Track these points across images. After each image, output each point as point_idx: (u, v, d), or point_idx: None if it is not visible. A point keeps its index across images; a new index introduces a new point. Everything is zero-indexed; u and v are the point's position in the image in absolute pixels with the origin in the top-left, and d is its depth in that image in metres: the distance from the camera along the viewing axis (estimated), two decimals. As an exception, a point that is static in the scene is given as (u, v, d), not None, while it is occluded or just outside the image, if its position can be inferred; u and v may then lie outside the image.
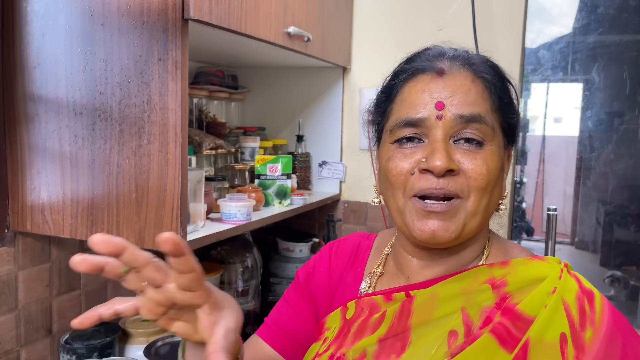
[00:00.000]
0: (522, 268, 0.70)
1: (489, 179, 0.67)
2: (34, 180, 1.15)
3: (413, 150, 0.68)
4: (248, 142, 1.52)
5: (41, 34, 1.10)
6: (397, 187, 0.69)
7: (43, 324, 1.29)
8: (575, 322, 0.64)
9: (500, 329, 0.64)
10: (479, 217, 0.68)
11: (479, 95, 0.68)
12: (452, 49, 0.75)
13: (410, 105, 0.69)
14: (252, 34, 1.16)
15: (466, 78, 0.69)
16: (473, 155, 0.67)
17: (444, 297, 0.69)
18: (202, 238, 1.11)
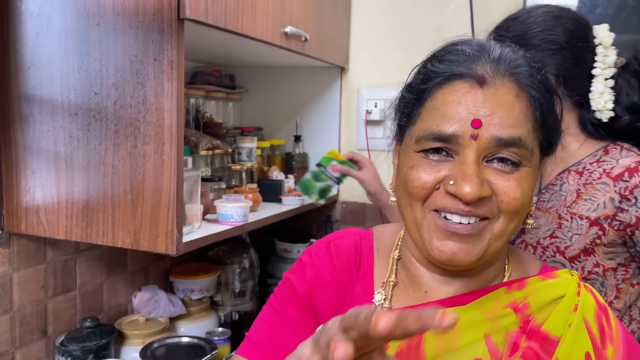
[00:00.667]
0: (541, 288, 0.67)
1: (523, 202, 0.61)
2: (28, 181, 1.14)
3: (440, 165, 0.62)
4: (245, 143, 1.51)
5: (36, 33, 1.09)
6: (417, 199, 0.63)
7: (38, 326, 1.28)
8: (597, 341, 0.63)
9: (530, 353, 0.62)
10: (503, 240, 0.63)
11: (522, 113, 0.61)
12: (494, 43, 0.65)
13: (443, 116, 0.61)
14: (248, 34, 1.15)
15: (510, 91, 0.61)
16: (507, 177, 0.61)
17: (467, 324, 0.64)
18: (199, 239, 1.10)
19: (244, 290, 1.64)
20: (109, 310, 1.48)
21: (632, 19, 1.51)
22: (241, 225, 1.23)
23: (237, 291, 1.62)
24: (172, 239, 1.02)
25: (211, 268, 1.65)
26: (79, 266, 1.37)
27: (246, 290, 1.64)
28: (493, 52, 0.63)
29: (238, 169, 1.47)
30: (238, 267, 1.63)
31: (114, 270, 1.49)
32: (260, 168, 1.65)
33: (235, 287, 1.62)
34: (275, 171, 1.63)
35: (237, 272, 1.63)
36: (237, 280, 1.63)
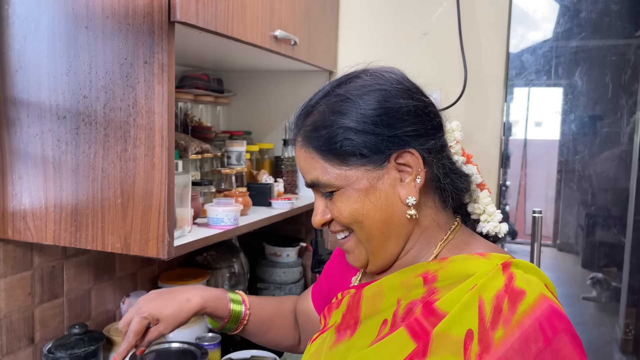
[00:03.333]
0: (455, 265, 0.72)
1: (346, 216, 0.75)
2: (15, 185, 1.12)
3: None
4: (234, 146, 1.51)
5: (23, 36, 1.08)
6: None
7: (25, 333, 1.26)
8: (486, 320, 0.63)
9: (414, 323, 0.67)
10: (375, 241, 0.76)
11: (308, 162, 0.77)
12: (304, 109, 0.82)
13: None
14: (238, 37, 1.15)
15: (300, 150, 0.79)
16: (331, 203, 0.77)
17: (387, 290, 0.75)
18: (189, 243, 1.09)
19: (234, 294, 1.63)
20: (97, 317, 1.46)
21: (615, 23, 1.55)
22: (232, 229, 1.22)
23: (226, 296, 1.61)
24: (163, 243, 1.01)
25: (200, 273, 1.64)
26: (66, 272, 1.35)
27: (236, 294, 1.63)
28: (294, 116, 0.83)
29: (228, 173, 1.46)
30: (227, 272, 1.62)
31: (102, 276, 1.47)
32: (250, 172, 1.65)
33: (225, 291, 1.61)
34: (265, 175, 1.63)
35: (226, 277, 1.62)
36: (227, 285, 1.61)
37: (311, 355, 0.81)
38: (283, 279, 1.71)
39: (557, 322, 0.62)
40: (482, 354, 0.61)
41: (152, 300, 0.95)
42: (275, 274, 1.72)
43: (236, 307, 1.00)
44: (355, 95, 0.73)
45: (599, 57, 1.56)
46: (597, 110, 1.67)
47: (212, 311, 0.98)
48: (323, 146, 0.75)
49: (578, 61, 1.59)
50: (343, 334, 0.78)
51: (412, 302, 0.71)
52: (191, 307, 0.95)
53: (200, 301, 0.96)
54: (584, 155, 1.80)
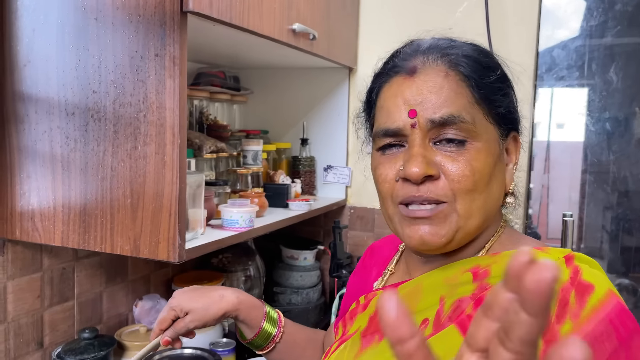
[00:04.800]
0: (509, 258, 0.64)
1: (476, 180, 0.63)
2: (23, 184, 1.08)
3: (396, 156, 0.67)
4: (251, 146, 1.45)
5: (32, 29, 1.04)
6: (385, 195, 0.69)
7: (34, 337, 1.22)
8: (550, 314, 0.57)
9: (466, 319, 0.61)
10: (475, 219, 0.65)
11: (452, 91, 0.64)
12: (433, 39, 0.71)
13: (387, 113, 0.67)
14: (254, 30, 1.10)
15: (438, 74, 0.65)
16: (455, 157, 0.64)
17: (427, 288, 0.68)
18: (202, 246, 1.04)
19: (249, 299, 1.58)
20: (108, 321, 1.42)
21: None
22: (247, 231, 1.16)
23: (242, 300, 1.56)
24: (174, 246, 0.95)
25: (215, 276, 1.59)
26: (77, 274, 1.31)
27: (251, 299, 1.58)
28: (426, 44, 0.69)
29: (244, 173, 1.41)
30: (243, 275, 1.57)
31: (114, 278, 1.43)
32: (266, 172, 1.59)
33: (240, 295, 1.56)
34: (282, 175, 1.57)
35: (241, 280, 1.56)
36: (242, 289, 1.56)
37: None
38: (300, 283, 1.65)
39: (629, 322, 0.57)
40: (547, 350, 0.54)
41: (184, 293, 0.91)
42: (292, 278, 1.66)
43: (270, 323, 0.92)
44: (498, 59, 0.71)
45: (636, 52, 1.47)
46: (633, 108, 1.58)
47: (244, 317, 0.91)
48: (481, 80, 0.65)
49: (613, 56, 1.50)
50: (370, 339, 0.71)
51: (461, 300, 0.64)
52: (223, 304, 0.89)
53: (235, 301, 0.90)
54: (614, 157, 1.70)
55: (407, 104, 0.65)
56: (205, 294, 0.91)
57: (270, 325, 0.92)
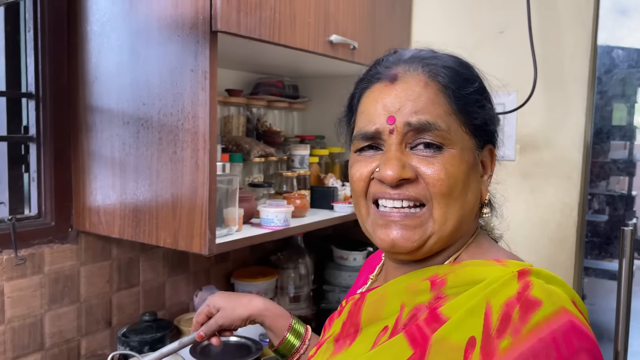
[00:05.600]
0: (467, 270, 0.66)
1: (450, 184, 0.65)
2: (91, 184, 1.26)
3: (373, 157, 0.69)
4: (298, 150, 1.54)
5: (98, 51, 1.21)
6: (359, 194, 0.70)
7: (103, 317, 1.40)
8: (491, 328, 0.57)
9: (414, 329, 0.62)
10: (449, 226, 0.66)
11: (430, 100, 0.66)
12: (415, 49, 0.73)
13: (367, 117, 0.69)
14: (286, 44, 1.18)
15: (418, 83, 0.67)
16: (430, 161, 0.65)
17: (390, 295, 0.70)
18: (233, 241, 1.15)
19: (299, 295, 1.67)
20: (170, 307, 1.58)
21: None
22: (281, 229, 1.25)
23: (291, 296, 1.66)
24: (205, 240, 1.07)
25: (270, 272, 1.71)
26: (142, 264, 1.49)
27: (301, 295, 1.67)
28: (408, 54, 0.71)
29: (289, 176, 1.50)
30: (293, 273, 1.66)
31: (176, 270, 1.59)
32: (317, 175, 1.68)
33: (290, 292, 1.66)
34: (332, 178, 1.65)
35: (291, 278, 1.66)
36: (292, 286, 1.66)
37: None
38: (348, 282, 1.71)
39: (575, 340, 0.56)
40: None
41: (220, 295, 1.04)
42: (341, 277, 1.72)
43: (294, 335, 0.99)
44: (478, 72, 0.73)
45: None
46: None
47: (270, 324, 1.01)
48: (459, 91, 0.67)
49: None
50: (342, 344, 0.74)
51: (417, 308, 0.65)
52: (250, 307, 1.01)
53: (261, 307, 1.01)
54: None
55: (387, 110, 0.67)
56: (236, 297, 1.03)
57: (294, 337, 1.00)
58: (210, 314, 1.02)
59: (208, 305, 1.03)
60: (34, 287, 1.23)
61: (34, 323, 1.24)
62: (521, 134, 1.56)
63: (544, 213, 1.54)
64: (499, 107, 1.57)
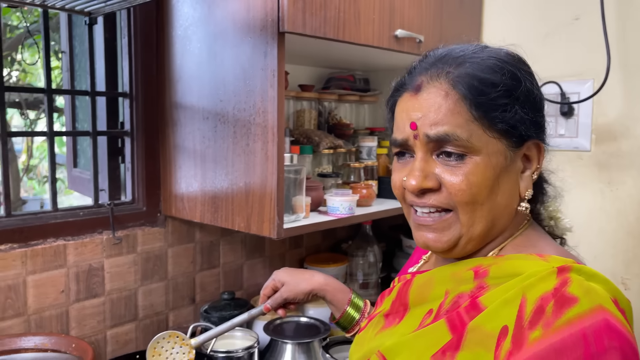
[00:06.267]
0: (509, 262, 0.68)
1: (473, 193, 0.67)
2: (177, 173, 1.40)
3: (406, 165, 0.74)
4: (366, 142, 1.60)
5: (181, 53, 1.34)
6: (399, 198, 0.77)
7: (188, 294, 1.55)
8: (524, 319, 0.60)
9: (454, 316, 0.66)
10: (479, 227, 0.70)
11: (449, 111, 0.68)
12: (448, 48, 0.75)
13: (397, 125, 0.74)
14: (351, 41, 1.24)
15: (438, 93, 0.69)
16: (453, 171, 0.68)
17: (437, 280, 0.74)
18: (300, 227, 1.23)
19: (367, 282, 1.73)
20: (248, 288, 1.70)
21: None
22: (346, 217, 1.32)
23: (360, 283, 1.72)
24: (273, 225, 1.16)
25: (340, 259, 1.78)
26: (222, 247, 1.62)
27: (369, 282, 1.73)
28: (435, 56, 0.74)
29: (357, 167, 1.57)
30: (362, 260, 1.72)
31: (253, 254, 1.71)
32: (386, 166, 1.72)
33: (359, 278, 1.72)
34: (401, 169, 1.68)
35: (360, 265, 1.72)
36: (361, 273, 1.72)
37: (357, 339, 0.86)
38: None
39: (606, 338, 0.57)
40: (513, 351, 0.59)
41: (284, 270, 1.15)
42: (410, 266, 1.76)
43: (353, 309, 1.07)
44: (517, 68, 0.71)
45: None
46: None
47: (331, 298, 1.10)
48: (480, 98, 0.67)
49: None
50: (392, 320, 0.79)
51: (460, 295, 0.69)
52: (312, 281, 1.10)
53: (322, 281, 1.10)
54: None
55: (410, 118, 0.70)
56: (299, 273, 1.13)
57: (353, 310, 1.08)
58: (275, 287, 1.12)
59: (274, 280, 1.12)
60: (129, 264, 1.39)
61: (129, 296, 1.41)
62: (597, 123, 1.50)
63: (621, 205, 1.48)
64: (573, 96, 1.53)
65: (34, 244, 1.23)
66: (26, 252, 1.21)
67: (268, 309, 1.12)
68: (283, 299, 1.10)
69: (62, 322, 1.28)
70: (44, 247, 1.23)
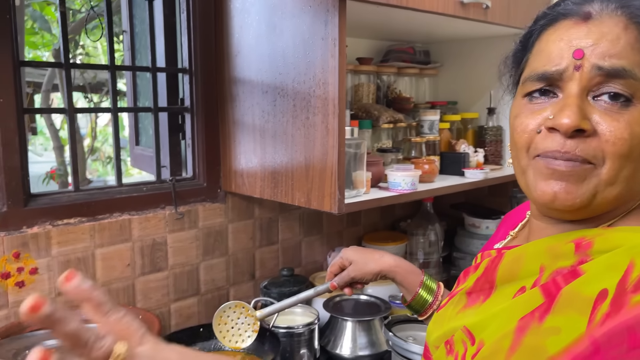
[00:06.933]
0: (618, 234, 0.60)
1: (632, 145, 0.58)
2: (236, 149, 1.40)
3: (543, 106, 0.62)
4: (427, 116, 1.54)
5: (240, 26, 1.32)
6: (520, 146, 0.64)
7: (248, 270, 1.56)
8: (628, 283, 0.53)
9: (550, 284, 0.59)
10: (617, 188, 0.60)
11: (629, 45, 0.58)
12: None
13: (547, 56, 0.62)
14: (415, 7, 1.18)
15: (617, 24, 0.59)
16: (615, 117, 0.58)
17: (530, 256, 0.66)
18: (361, 202, 1.20)
19: (428, 261, 1.68)
20: (306, 265, 1.70)
21: None
22: (408, 193, 1.28)
23: (420, 262, 1.68)
24: (334, 200, 1.13)
25: (400, 237, 1.75)
26: (281, 224, 1.61)
27: (430, 262, 1.68)
28: None
29: (418, 142, 1.51)
30: (422, 239, 1.68)
31: (311, 231, 1.70)
32: (448, 141, 1.66)
33: (419, 257, 1.68)
34: (464, 144, 1.62)
35: (421, 244, 1.68)
36: (421, 252, 1.68)
37: (435, 317, 0.80)
38: (479, 250, 1.68)
39: None
40: (611, 314, 0.53)
41: (353, 249, 1.10)
42: (473, 245, 1.70)
43: (426, 291, 1.01)
44: None
45: None
46: None
47: (401, 280, 1.04)
48: None
49: None
50: (475, 298, 0.72)
51: (558, 271, 0.61)
52: (381, 262, 1.05)
53: (392, 263, 1.04)
54: None
55: (573, 45, 0.59)
56: (368, 252, 1.08)
57: (426, 292, 1.01)
58: (343, 266, 1.08)
59: (342, 258, 1.08)
60: (191, 239, 1.41)
61: (191, 271, 1.43)
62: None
63: None
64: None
65: (100, 217, 1.26)
66: (94, 225, 1.24)
67: (335, 287, 1.09)
68: (350, 278, 1.07)
69: (129, 294, 1.31)
70: (110, 221, 1.26)
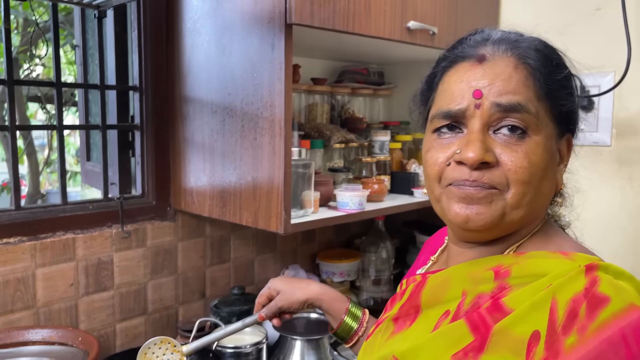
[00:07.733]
0: (532, 261, 0.64)
1: (532, 172, 0.63)
2: (186, 167, 1.39)
3: (451, 141, 0.67)
4: (378, 136, 1.57)
5: (190, 46, 1.33)
6: (432, 178, 0.69)
7: (198, 288, 1.54)
8: (557, 324, 0.56)
9: (475, 316, 0.62)
10: (522, 211, 0.65)
11: (521, 82, 0.64)
12: (501, 31, 0.71)
13: (450, 95, 0.67)
14: (362, 32, 1.22)
15: (508, 65, 0.65)
16: (514, 148, 0.63)
17: (454, 280, 0.70)
18: (309, 222, 1.21)
19: (380, 278, 1.71)
20: (259, 283, 1.69)
21: None
22: (356, 212, 1.30)
23: (372, 278, 1.70)
24: (281, 220, 1.14)
25: (353, 255, 1.76)
26: (233, 242, 1.61)
27: (381, 279, 1.71)
28: (496, 35, 0.69)
29: (368, 161, 1.54)
30: (374, 256, 1.70)
31: (265, 249, 1.70)
32: (400, 161, 1.69)
33: (371, 274, 1.70)
34: (414, 164, 1.65)
35: (373, 261, 1.70)
36: (373, 269, 1.70)
37: (365, 346, 0.82)
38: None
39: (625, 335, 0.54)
40: (549, 359, 0.56)
41: (280, 279, 1.10)
42: (423, 263, 1.73)
43: (351, 318, 1.02)
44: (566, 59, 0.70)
45: None
46: None
47: (327, 307, 1.04)
48: (551, 75, 0.65)
49: None
50: (402, 324, 0.75)
51: (480, 296, 0.65)
52: (308, 291, 1.05)
53: (319, 291, 1.05)
54: None
55: (472, 86, 0.65)
56: (295, 281, 1.08)
57: (351, 319, 1.02)
58: (270, 296, 1.07)
59: (269, 288, 1.08)
60: (138, 258, 1.39)
61: (139, 290, 1.41)
62: (618, 117, 1.45)
63: (643, 203, 1.43)
64: (594, 89, 1.48)
65: (43, 237, 1.23)
66: (35, 245, 1.21)
67: (263, 318, 1.08)
68: (278, 308, 1.06)
69: (72, 315, 1.28)
70: (53, 240, 1.24)
